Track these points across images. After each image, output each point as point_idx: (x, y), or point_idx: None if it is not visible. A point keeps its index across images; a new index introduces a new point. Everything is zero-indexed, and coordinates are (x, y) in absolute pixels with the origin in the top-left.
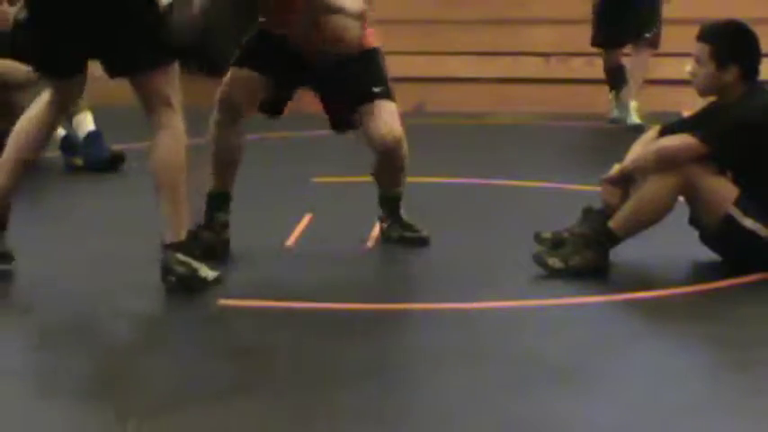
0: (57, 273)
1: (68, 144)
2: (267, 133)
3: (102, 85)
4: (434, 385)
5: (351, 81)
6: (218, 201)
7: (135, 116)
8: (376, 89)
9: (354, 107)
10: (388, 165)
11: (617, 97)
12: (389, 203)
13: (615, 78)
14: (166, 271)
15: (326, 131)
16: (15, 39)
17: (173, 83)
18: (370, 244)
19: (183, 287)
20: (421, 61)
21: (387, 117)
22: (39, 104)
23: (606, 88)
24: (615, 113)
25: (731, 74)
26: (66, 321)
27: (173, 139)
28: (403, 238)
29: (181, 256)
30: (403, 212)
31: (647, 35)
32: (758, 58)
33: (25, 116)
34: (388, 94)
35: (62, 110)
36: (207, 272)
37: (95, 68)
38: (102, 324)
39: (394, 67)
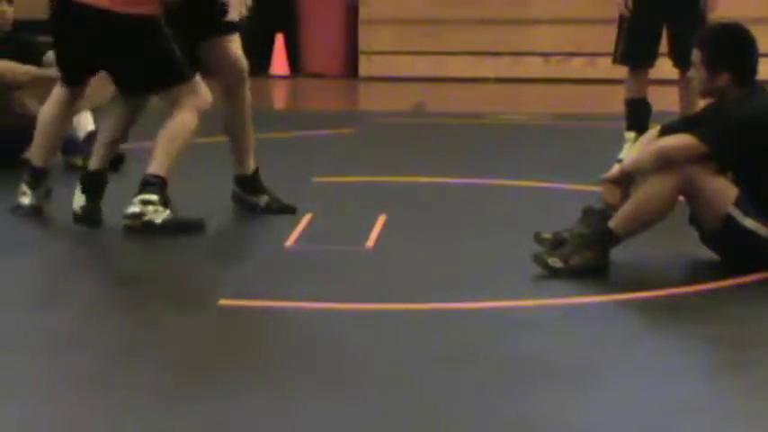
0: (55, 270)
1: (68, 144)
2: (267, 133)
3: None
4: (433, 385)
5: None
6: None
7: None
8: None
9: None
10: None
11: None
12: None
13: (637, 114)
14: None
15: (326, 131)
16: None
17: None
18: (370, 244)
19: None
20: (421, 61)
21: None
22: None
23: (602, 90)
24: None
25: (723, 79)
26: (63, 319)
27: None
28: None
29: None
30: None
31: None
32: (752, 62)
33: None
34: None
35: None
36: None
37: None
38: (100, 323)
39: (394, 67)
